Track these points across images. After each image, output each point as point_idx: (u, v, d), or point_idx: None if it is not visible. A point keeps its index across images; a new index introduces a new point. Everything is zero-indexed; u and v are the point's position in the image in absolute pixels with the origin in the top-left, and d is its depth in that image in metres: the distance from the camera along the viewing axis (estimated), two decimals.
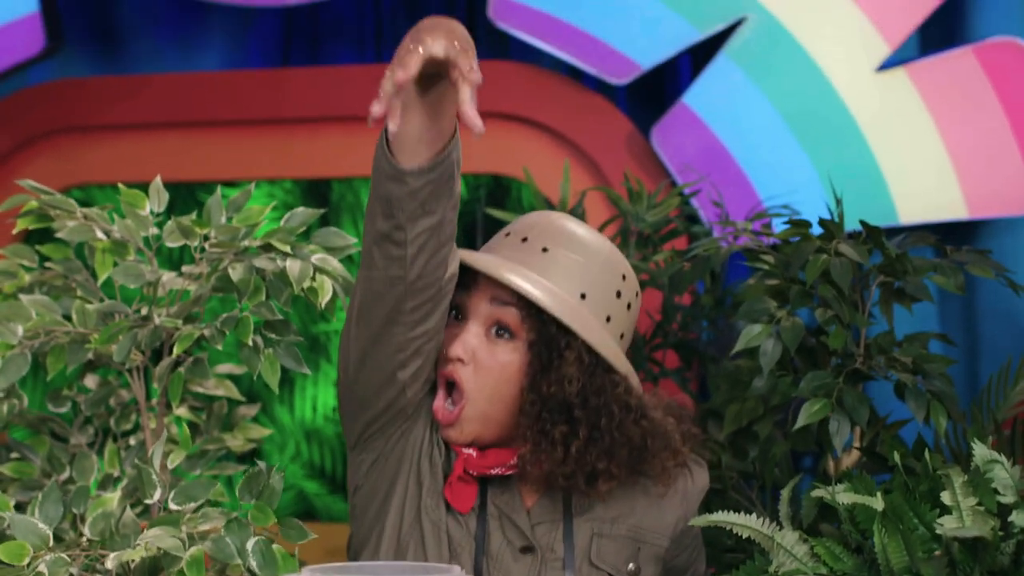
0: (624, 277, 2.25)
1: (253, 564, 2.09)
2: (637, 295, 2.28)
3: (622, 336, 2.25)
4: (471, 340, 2.19)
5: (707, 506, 2.69)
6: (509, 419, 2.21)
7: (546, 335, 2.16)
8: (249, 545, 2.10)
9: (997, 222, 3.30)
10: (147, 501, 2.18)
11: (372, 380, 2.17)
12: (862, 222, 2.61)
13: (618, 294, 2.23)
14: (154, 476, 2.19)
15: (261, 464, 2.20)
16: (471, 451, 2.22)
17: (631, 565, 2.27)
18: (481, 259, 2.19)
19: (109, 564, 2.03)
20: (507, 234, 2.27)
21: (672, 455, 2.24)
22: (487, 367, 2.19)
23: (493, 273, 2.16)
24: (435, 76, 1.94)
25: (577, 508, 2.24)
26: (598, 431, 2.16)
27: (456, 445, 2.23)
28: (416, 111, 1.96)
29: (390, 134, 1.98)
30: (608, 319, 2.21)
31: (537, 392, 2.16)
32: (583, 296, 2.19)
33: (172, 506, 2.16)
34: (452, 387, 2.21)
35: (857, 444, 2.64)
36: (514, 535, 2.23)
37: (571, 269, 2.19)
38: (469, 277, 2.21)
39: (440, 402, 2.21)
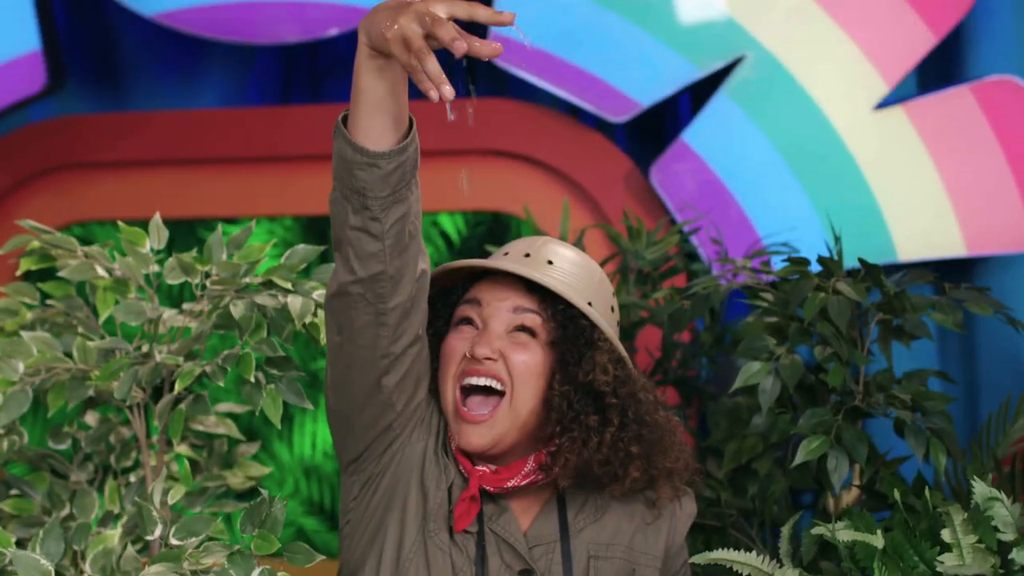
0: (613, 294, 2.33)
1: None
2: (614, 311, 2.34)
3: None
4: (496, 341, 2.22)
5: (707, 544, 2.68)
6: (531, 423, 2.23)
7: (575, 329, 2.22)
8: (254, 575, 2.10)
9: (995, 259, 3.32)
10: (148, 538, 2.18)
11: (357, 392, 2.19)
12: (860, 260, 2.62)
13: (612, 309, 2.30)
14: (154, 513, 2.18)
15: (264, 493, 2.20)
16: (484, 468, 2.24)
17: None
18: (507, 265, 2.24)
19: None
20: (505, 253, 2.30)
21: (684, 468, 2.30)
22: (516, 362, 2.22)
23: (528, 275, 2.20)
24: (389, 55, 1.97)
25: (572, 530, 2.26)
26: (627, 418, 2.23)
27: (476, 450, 2.22)
28: (380, 90, 2.02)
29: (351, 121, 2.06)
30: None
31: (572, 382, 2.21)
32: (590, 304, 2.24)
33: (173, 541, 2.16)
34: (469, 391, 2.22)
35: (857, 481, 2.64)
36: (512, 559, 2.24)
37: (576, 280, 2.25)
38: (479, 291, 2.26)
39: (459, 406, 2.22)
